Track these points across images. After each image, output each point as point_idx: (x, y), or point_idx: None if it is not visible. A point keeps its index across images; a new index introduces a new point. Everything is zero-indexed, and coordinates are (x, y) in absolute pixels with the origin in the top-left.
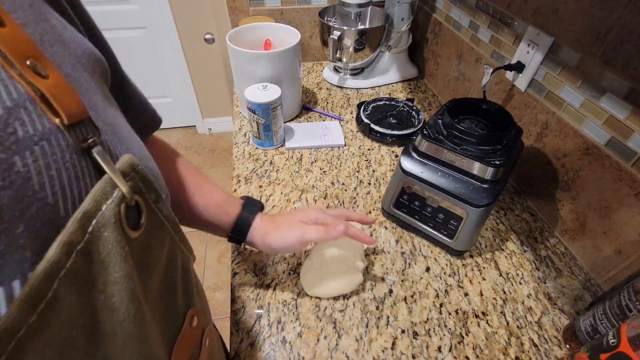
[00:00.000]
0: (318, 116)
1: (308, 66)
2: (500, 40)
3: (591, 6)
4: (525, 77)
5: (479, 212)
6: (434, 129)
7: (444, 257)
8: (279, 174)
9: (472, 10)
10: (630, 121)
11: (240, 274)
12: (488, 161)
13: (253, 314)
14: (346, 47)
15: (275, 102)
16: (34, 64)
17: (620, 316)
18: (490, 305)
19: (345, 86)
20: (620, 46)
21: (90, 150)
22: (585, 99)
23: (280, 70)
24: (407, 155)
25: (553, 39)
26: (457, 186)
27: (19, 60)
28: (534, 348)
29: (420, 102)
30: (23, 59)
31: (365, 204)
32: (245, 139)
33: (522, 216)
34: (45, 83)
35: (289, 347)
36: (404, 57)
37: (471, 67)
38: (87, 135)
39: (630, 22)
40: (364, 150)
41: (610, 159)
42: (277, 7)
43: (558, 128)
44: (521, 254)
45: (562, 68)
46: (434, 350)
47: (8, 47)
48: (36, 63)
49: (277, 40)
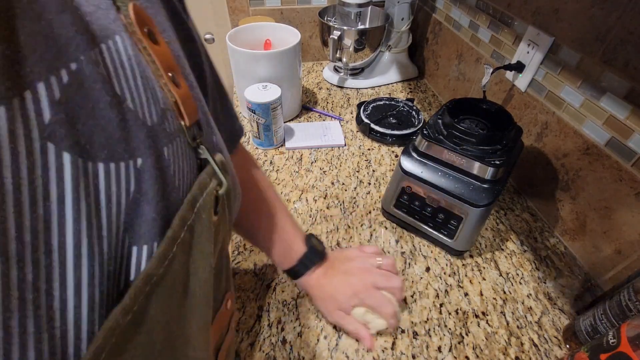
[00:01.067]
0: (318, 116)
1: (308, 66)
2: (500, 40)
3: (591, 6)
4: (525, 77)
5: (479, 212)
6: (434, 129)
7: (444, 257)
8: (279, 174)
9: (472, 10)
10: (630, 121)
11: (240, 274)
12: (488, 161)
13: (253, 314)
14: (346, 47)
15: (275, 102)
16: (173, 76)
17: (620, 316)
18: (490, 305)
19: (345, 86)
20: (620, 46)
21: (198, 148)
22: (585, 99)
23: (280, 70)
24: (407, 155)
25: (553, 39)
26: (457, 186)
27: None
28: (534, 348)
29: (420, 102)
30: (167, 71)
31: (365, 204)
32: (245, 139)
33: (522, 216)
34: (178, 92)
35: (289, 347)
36: (404, 57)
37: (471, 67)
38: (196, 135)
39: (630, 22)
40: (364, 150)
41: (610, 159)
42: (277, 7)
43: (558, 128)
44: (521, 254)
45: (562, 68)
46: (434, 350)
47: (160, 62)
48: (175, 75)
49: (277, 40)
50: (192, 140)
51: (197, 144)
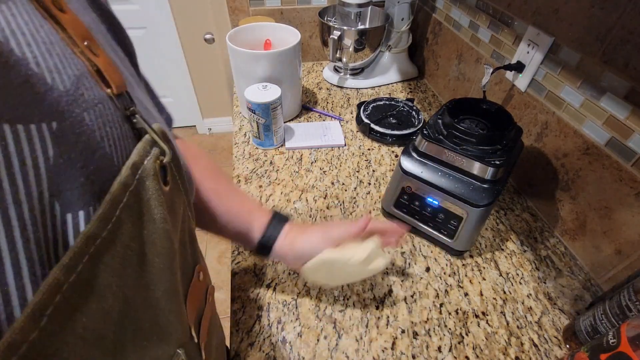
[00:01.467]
0: (318, 116)
1: (308, 66)
2: (500, 40)
3: (591, 6)
4: (525, 77)
5: (479, 212)
6: (434, 129)
7: (444, 257)
8: (279, 174)
9: (472, 10)
10: (630, 121)
11: (240, 274)
12: (488, 161)
13: (253, 314)
14: (346, 47)
15: (275, 102)
16: (89, 45)
17: (620, 316)
18: (490, 305)
19: (345, 86)
20: (620, 46)
21: (132, 117)
22: (585, 99)
23: (280, 70)
24: (407, 155)
25: (553, 39)
26: (457, 186)
27: (80, 40)
28: (534, 348)
29: (420, 102)
30: (82, 40)
31: (365, 204)
32: (245, 139)
33: (522, 216)
34: (98, 60)
35: (289, 347)
36: (404, 57)
37: (471, 67)
38: (128, 104)
39: (630, 22)
40: (364, 150)
41: (610, 159)
42: (277, 7)
43: (558, 128)
44: (521, 254)
45: (562, 68)
46: (434, 350)
47: (70, 29)
48: (90, 44)
49: (277, 40)
50: (122, 108)
51: (131, 112)
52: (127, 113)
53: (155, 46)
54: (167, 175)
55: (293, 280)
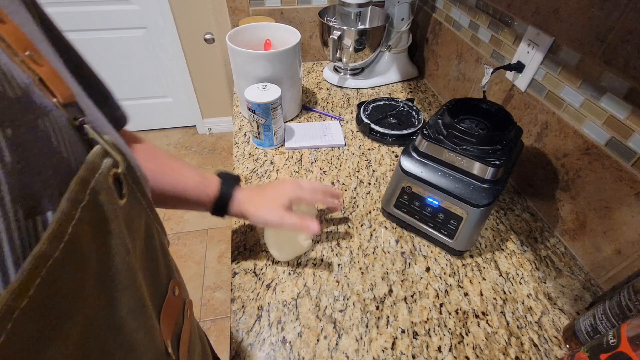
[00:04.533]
0: (318, 116)
1: (308, 66)
2: (500, 40)
3: (591, 6)
4: (525, 77)
5: (479, 212)
6: (434, 129)
7: (444, 257)
8: (279, 174)
9: (472, 10)
10: (630, 121)
11: (240, 274)
12: (488, 161)
13: (253, 314)
14: (346, 47)
15: (275, 102)
16: (32, 55)
17: (620, 316)
18: (490, 305)
19: (345, 86)
20: (620, 46)
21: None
22: (585, 99)
23: (280, 70)
24: (407, 155)
25: (553, 39)
26: (457, 186)
27: (21, 50)
28: (534, 348)
29: (420, 102)
30: (23, 50)
31: (365, 204)
32: (245, 139)
33: (522, 216)
34: (41, 70)
35: (289, 347)
36: (404, 57)
37: (471, 67)
38: (76, 115)
39: (630, 22)
40: (364, 150)
41: (610, 159)
42: (277, 7)
43: (558, 128)
44: (521, 254)
45: (562, 68)
46: (434, 350)
47: (11, 40)
48: (33, 54)
49: (277, 40)
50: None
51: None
52: (77, 124)
53: (155, 46)
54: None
55: (293, 280)
